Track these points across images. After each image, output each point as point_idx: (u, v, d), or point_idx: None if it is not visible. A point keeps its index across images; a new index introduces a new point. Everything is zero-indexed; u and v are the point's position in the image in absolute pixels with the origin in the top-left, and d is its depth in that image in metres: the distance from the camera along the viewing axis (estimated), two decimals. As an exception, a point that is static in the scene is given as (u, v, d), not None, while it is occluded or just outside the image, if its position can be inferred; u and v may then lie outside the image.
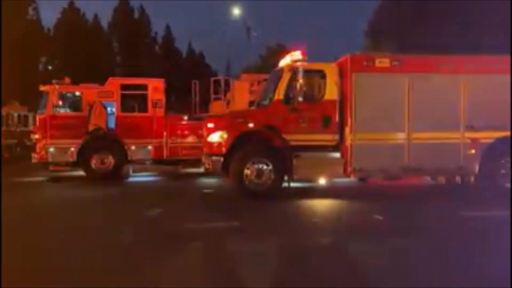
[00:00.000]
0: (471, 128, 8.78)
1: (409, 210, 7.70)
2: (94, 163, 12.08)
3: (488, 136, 8.79)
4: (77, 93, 12.41)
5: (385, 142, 8.75)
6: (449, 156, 8.72)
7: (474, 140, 8.80)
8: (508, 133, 8.74)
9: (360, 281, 4.26)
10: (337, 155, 8.98)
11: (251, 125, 8.99)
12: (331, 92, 8.97)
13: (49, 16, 68.16)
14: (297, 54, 9.36)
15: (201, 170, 10.62)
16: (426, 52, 11.51)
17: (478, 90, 8.74)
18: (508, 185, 8.81)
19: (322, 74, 9.04)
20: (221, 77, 15.53)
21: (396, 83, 8.77)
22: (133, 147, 12.36)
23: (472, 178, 9.00)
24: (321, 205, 8.52)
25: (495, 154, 8.80)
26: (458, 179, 9.32)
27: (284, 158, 8.76)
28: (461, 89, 8.86)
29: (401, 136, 8.77)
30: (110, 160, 12.20)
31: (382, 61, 8.83)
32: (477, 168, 8.79)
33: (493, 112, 8.73)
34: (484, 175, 8.79)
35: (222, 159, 8.79)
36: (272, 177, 8.70)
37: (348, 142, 8.80)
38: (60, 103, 12.31)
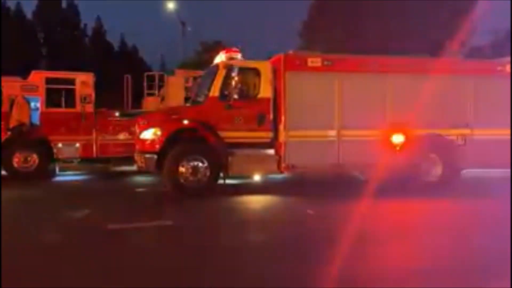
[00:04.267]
0: (396, 125, 9.29)
1: (339, 205, 8.03)
2: (16, 161, 11.30)
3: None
4: (-3, 87, 11.51)
5: (316, 139, 9.03)
6: (376, 153, 9.17)
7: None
8: (430, 130, 9.35)
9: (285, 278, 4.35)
10: (271, 151, 9.11)
11: (186, 122, 8.87)
12: (265, 90, 9.08)
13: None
14: (233, 52, 9.38)
15: (134, 168, 10.29)
16: (356, 52, 12.04)
17: (403, 90, 9.27)
18: (429, 179, 9.48)
19: (256, 72, 9.12)
20: (155, 72, 15.16)
21: (327, 82, 9.07)
22: (59, 145, 11.68)
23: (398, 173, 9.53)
24: (256, 201, 8.61)
25: (417, 151, 9.38)
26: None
27: (219, 155, 8.75)
28: (387, 89, 9.35)
29: (331, 134, 9.08)
30: (34, 159, 11.47)
31: (314, 61, 9.09)
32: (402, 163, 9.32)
33: (416, 111, 9.29)
34: (409, 170, 9.33)
35: (155, 156, 8.59)
36: (208, 174, 8.67)
37: (281, 139, 8.98)
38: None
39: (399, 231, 6.24)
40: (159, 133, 8.66)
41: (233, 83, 8.83)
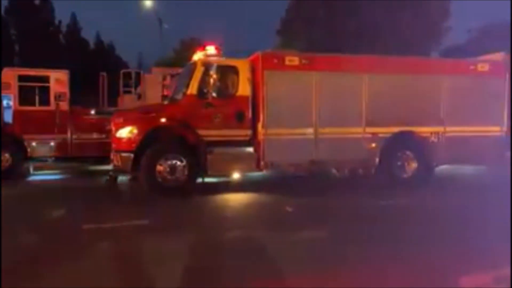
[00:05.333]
0: (371, 123, 9.45)
1: (317, 202, 8.11)
2: (-12, 161, 11.02)
3: (386, 131, 9.53)
4: (-34, 84, 11.18)
5: (294, 137, 9.07)
6: (352, 150, 9.30)
7: (374, 135, 9.48)
8: (405, 127, 9.55)
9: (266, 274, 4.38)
10: (250, 150, 9.12)
11: (163, 120, 8.80)
12: (244, 88, 9.08)
13: None
14: (211, 49, 9.34)
15: (110, 167, 10.13)
16: (332, 51, 12.17)
17: (379, 89, 9.43)
18: (403, 175, 9.69)
19: (235, 70, 9.11)
20: (131, 70, 14.98)
21: (304, 81, 9.12)
22: (33, 144, 11.43)
23: (373, 170, 9.70)
24: (234, 199, 8.62)
25: (392, 148, 9.57)
26: (360, 171, 9.98)
27: (198, 154, 8.71)
28: (363, 87, 9.48)
29: (309, 132, 9.14)
30: (7, 158, 11.18)
31: (292, 60, 9.12)
32: (377, 160, 9.50)
33: (391, 109, 9.49)
34: (382, 167, 9.52)
35: (132, 155, 8.49)
36: (186, 173, 8.62)
37: (260, 137, 8.99)
38: None
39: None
40: (135, 131, 8.57)
41: (211, 81, 8.80)
